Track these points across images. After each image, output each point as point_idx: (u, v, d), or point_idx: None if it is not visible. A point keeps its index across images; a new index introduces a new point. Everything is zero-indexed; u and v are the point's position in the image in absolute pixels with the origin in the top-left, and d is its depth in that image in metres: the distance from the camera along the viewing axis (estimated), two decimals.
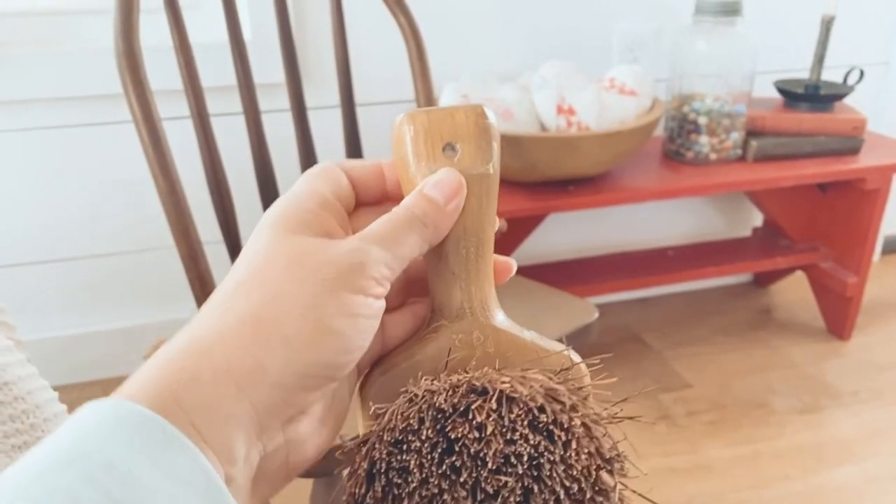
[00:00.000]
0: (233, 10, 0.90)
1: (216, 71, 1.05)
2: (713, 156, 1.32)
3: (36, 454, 0.22)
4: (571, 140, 1.12)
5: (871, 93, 1.57)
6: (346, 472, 0.27)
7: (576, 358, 0.30)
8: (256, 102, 0.93)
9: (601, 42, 1.41)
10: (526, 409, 0.25)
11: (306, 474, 0.67)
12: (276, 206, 0.29)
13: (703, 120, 1.29)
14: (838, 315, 1.51)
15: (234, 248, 0.89)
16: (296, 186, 0.30)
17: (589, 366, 0.29)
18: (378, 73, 1.29)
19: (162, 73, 0.91)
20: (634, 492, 0.27)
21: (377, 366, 0.30)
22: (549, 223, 1.49)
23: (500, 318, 0.30)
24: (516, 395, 0.25)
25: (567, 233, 1.55)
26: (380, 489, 0.26)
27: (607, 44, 1.41)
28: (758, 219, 1.67)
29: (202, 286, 0.79)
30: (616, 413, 0.28)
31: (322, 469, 0.67)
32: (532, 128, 1.16)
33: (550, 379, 0.27)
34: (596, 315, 0.85)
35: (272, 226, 0.28)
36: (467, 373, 0.28)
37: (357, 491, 0.26)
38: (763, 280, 1.72)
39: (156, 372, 0.25)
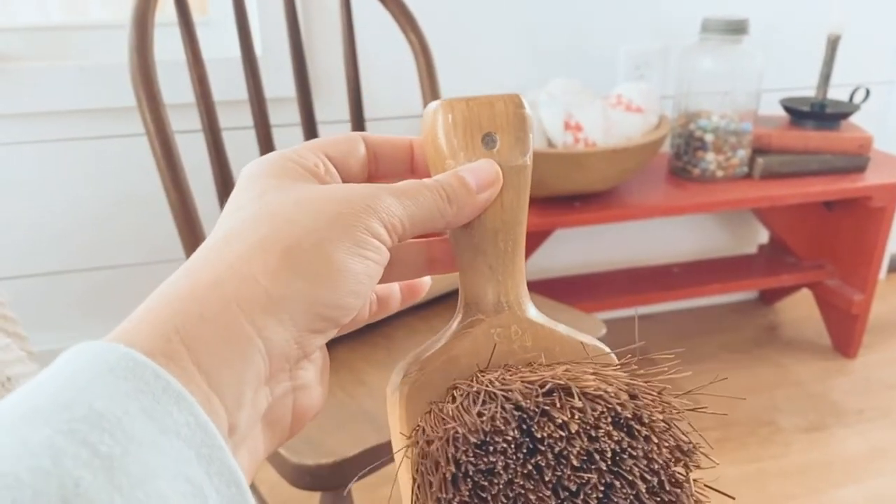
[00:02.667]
0: (245, 26, 0.91)
1: (228, 85, 1.06)
2: (719, 173, 1.33)
3: (10, 403, 0.19)
4: (578, 156, 1.13)
5: (877, 111, 1.58)
6: (419, 474, 0.26)
7: (607, 349, 0.30)
8: (267, 116, 0.94)
9: (608, 59, 1.42)
10: (608, 406, 0.25)
11: (313, 487, 0.67)
12: (268, 157, 0.28)
13: (709, 137, 1.30)
14: (844, 333, 1.50)
15: None
16: (298, 146, 0.29)
17: (666, 359, 0.29)
18: (387, 89, 1.30)
19: (174, 86, 0.92)
20: (707, 486, 0.27)
21: (413, 363, 0.29)
22: (556, 239, 1.49)
23: (533, 312, 0.30)
24: (600, 393, 0.25)
25: (573, 248, 1.55)
26: (466, 492, 0.25)
27: (614, 61, 1.43)
28: (764, 236, 1.67)
29: None
30: (686, 405, 0.27)
31: (330, 482, 0.67)
32: (539, 144, 1.17)
33: (623, 373, 0.27)
34: (603, 331, 0.85)
35: (270, 174, 0.27)
36: (518, 368, 0.27)
37: (444, 496, 0.25)
38: (769, 297, 1.72)
39: (155, 312, 0.22)
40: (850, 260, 1.46)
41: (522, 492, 0.25)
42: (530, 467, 0.25)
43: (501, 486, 0.25)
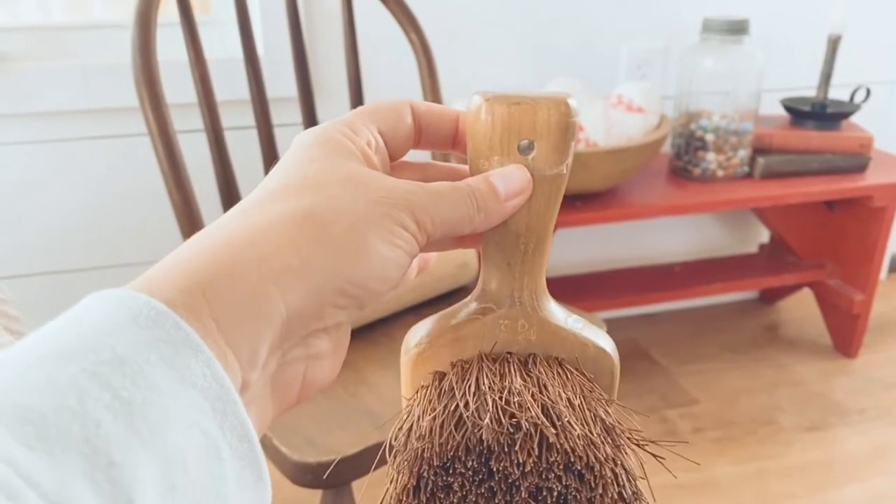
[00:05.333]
0: (247, 26, 0.91)
1: (230, 85, 1.06)
2: (720, 173, 1.33)
3: (33, 342, 0.19)
4: (579, 156, 1.13)
5: (878, 111, 1.58)
6: (391, 478, 0.29)
7: (609, 349, 0.32)
8: (269, 116, 0.94)
9: (609, 59, 1.42)
10: (565, 455, 0.27)
11: (315, 485, 0.68)
12: (323, 128, 0.28)
13: (710, 137, 1.30)
14: (845, 333, 1.51)
15: None
16: (346, 116, 0.29)
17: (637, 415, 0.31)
18: (389, 88, 1.30)
19: (176, 86, 0.92)
20: None
21: (426, 335, 0.31)
22: (557, 238, 1.49)
23: (547, 307, 0.31)
24: (560, 445, 0.27)
25: (574, 248, 1.55)
26: (424, 499, 0.28)
27: (615, 61, 1.43)
28: (764, 235, 1.67)
29: None
30: (644, 450, 0.30)
31: (331, 480, 0.67)
32: None
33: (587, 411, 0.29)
34: (604, 330, 0.85)
35: (322, 145, 0.27)
36: (515, 362, 0.30)
37: (405, 498, 0.28)
38: (769, 297, 1.72)
39: (182, 263, 0.23)
40: (851, 259, 1.46)
41: None
42: (484, 489, 0.28)
43: (456, 500, 0.28)
